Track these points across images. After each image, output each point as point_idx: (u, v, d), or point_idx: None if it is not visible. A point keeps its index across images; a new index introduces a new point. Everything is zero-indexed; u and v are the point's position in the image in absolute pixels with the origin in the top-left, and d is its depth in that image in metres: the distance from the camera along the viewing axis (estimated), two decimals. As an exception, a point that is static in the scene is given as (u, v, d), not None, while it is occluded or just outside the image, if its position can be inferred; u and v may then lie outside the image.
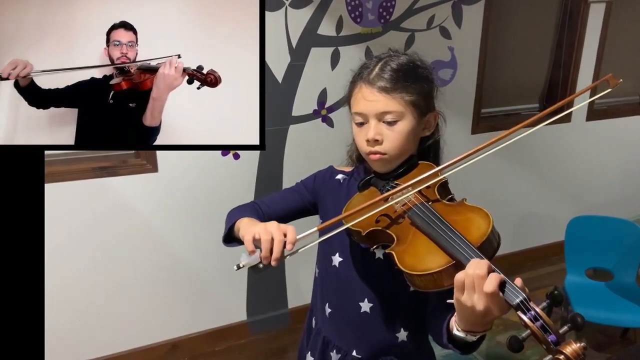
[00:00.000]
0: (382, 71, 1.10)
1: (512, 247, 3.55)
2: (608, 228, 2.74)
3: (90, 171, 2.26)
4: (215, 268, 2.61)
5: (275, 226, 0.99)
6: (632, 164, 3.87)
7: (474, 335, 0.92)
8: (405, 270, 0.94)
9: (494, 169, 3.29)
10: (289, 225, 1.00)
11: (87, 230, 2.33)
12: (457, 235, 0.93)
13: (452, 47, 2.87)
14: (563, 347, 0.79)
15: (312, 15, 2.46)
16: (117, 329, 2.52)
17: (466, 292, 0.85)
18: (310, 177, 1.32)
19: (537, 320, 0.81)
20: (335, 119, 2.66)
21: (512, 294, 0.83)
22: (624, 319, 2.54)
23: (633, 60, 3.78)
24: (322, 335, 1.28)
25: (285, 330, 2.85)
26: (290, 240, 0.97)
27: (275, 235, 0.96)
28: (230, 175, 2.53)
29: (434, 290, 0.93)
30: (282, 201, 1.29)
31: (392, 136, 1.10)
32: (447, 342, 1.00)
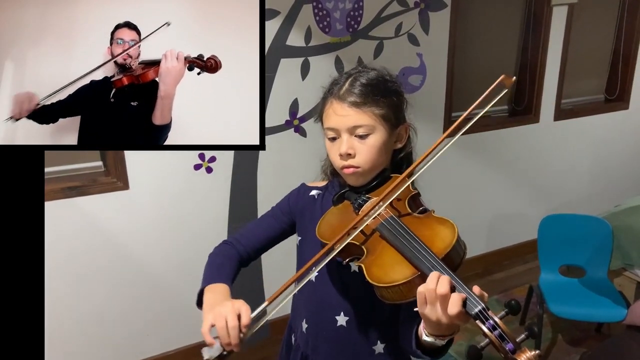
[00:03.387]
0: (351, 86, 1.11)
1: (487, 248, 3.59)
2: (579, 225, 2.81)
3: (59, 192, 2.21)
4: (190, 283, 2.55)
5: (229, 309, 0.99)
6: (600, 161, 3.97)
7: (443, 339, 0.94)
8: (373, 283, 0.96)
9: (466, 172, 3.33)
10: (244, 304, 1.01)
11: (58, 252, 2.27)
12: (422, 246, 0.94)
13: (421, 54, 2.91)
14: (518, 355, 0.81)
15: (281, 26, 2.46)
16: (93, 349, 2.47)
17: (429, 306, 0.87)
18: (284, 199, 1.32)
19: (495, 329, 0.83)
20: (308, 129, 2.66)
21: (471, 304, 0.85)
22: (598, 314, 2.60)
23: (596, 61, 3.88)
24: (301, 350, 1.29)
25: (266, 342, 2.83)
26: (244, 323, 0.98)
27: (229, 321, 0.97)
28: (204, 189, 2.51)
29: (400, 302, 0.95)
30: (259, 230, 1.29)
31: (364, 149, 1.11)
32: (416, 349, 1.01)
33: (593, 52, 3.81)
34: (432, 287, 0.85)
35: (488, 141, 3.34)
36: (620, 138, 4.00)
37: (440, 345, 0.95)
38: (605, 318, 2.62)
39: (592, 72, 3.88)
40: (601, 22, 3.76)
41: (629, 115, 3.97)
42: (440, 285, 0.85)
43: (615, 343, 2.37)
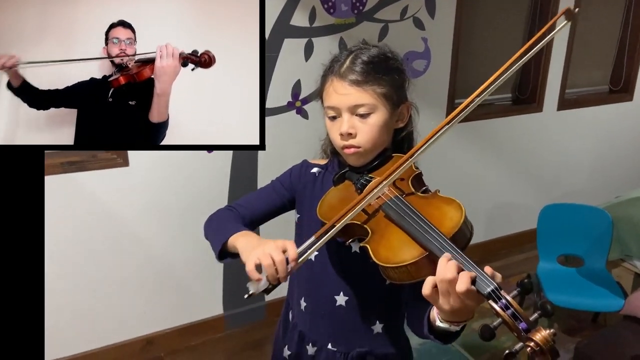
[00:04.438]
0: (353, 64, 1.09)
1: (486, 236, 3.60)
2: (579, 215, 2.81)
3: (58, 166, 2.20)
4: (190, 262, 2.58)
5: (274, 247, 0.97)
6: (602, 152, 3.96)
7: (457, 325, 0.93)
8: (380, 263, 0.94)
9: (468, 158, 3.32)
10: (287, 241, 0.99)
11: (56, 227, 2.27)
12: (430, 226, 0.93)
13: (426, 38, 2.88)
14: (533, 334, 0.80)
15: (285, 5, 2.43)
16: (90, 326, 2.48)
17: (441, 297, 0.86)
18: (286, 173, 1.30)
19: (508, 309, 0.82)
20: (310, 111, 2.64)
21: (483, 284, 0.84)
22: (595, 304, 2.60)
23: (602, 51, 3.85)
24: (298, 329, 1.28)
25: (262, 324, 2.85)
26: (292, 258, 0.96)
27: (275, 257, 0.95)
28: (204, 168, 2.50)
29: (408, 283, 0.94)
30: (259, 201, 1.27)
31: (365, 129, 1.09)
32: (428, 333, 1.00)
33: (599, 43, 3.78)
34: (443, 279, 0.84)
35: (490, 129, 3.32)
36: (623, 129, 3.97)
37: (454, 331, 0.95)
38: (602, 308, 2.62)
39: (597, 62, 3.85)
40: (608, 12, 3.72)
41: (633, 107, 3.94)
42: (449, 271, 0.84)
43: (612, 333, 2.38)
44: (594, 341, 2.29)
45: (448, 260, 0.85)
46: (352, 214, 1.01)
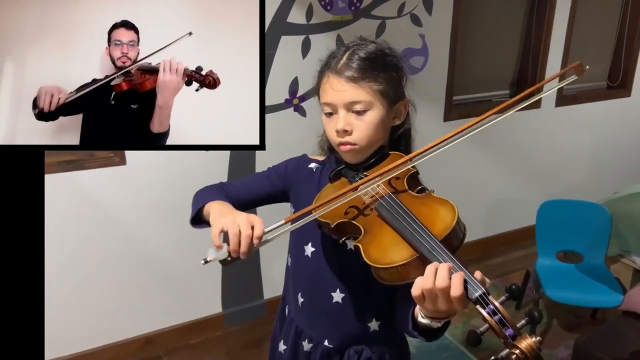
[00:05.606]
0: (349, 60, 1.08)
1: (485, 232, 3.59)
2: (577, 211, 2.80)
3: (56, 165, 2.19)
4: (188, 260, 2.58)
5: (244, 219, 0.96)
6: (600, 148, 3.95)
7: (439, 321, 0.93)
8: (370, 263, 0.93)
9: (466, 155, 3.31)
10: (257, 218, 0.97)
11: (55, 226, 2.27)
12: (421, 227, 0.92)
13: (423, 35, 2.87)
14: (519, 341, 0.80)
15: (282, 3, 2.42)
16: (88, 325, 2.47)
17: (427, 301, 0.85)
18: (282, 163, 1.30)
19: (496, 314, 0.81)
20: (307, 108, 2.64)
21: (472, 288, 0.83)
22: (594, 300, 2.60)
23: (600, 47, 3.84)
24: (295, 324, 1.29)
25: (262, 321, 2.84)
26: (257, 235, 0.95)
27: (243, 229, 0.94)
28: (201, 166, 2.50)
29: (398, 284, 0.93)
30: (251, 186, 1.27)
31: (361, 126, 1.09)
32: (412, 330, 1.00)
33: (597, 38, 3.77)
34: (435, 287, 0.82)
35: (489, 125, 3.31)
36: (621, 125, 3.97)
37: (436, 327, 0.94)
38: (601, 304, 2.63)
39: (596, 58, 3.85)
40: (606, 7, 3.72)
41: (630, 103, 3.94)
42: (442, 280, 0.82)
43: (611, 329, 2.38)
44: (593, 337, 2.29)
45: (436, 269, 0.84)
46: (329, 208, 1.01)
